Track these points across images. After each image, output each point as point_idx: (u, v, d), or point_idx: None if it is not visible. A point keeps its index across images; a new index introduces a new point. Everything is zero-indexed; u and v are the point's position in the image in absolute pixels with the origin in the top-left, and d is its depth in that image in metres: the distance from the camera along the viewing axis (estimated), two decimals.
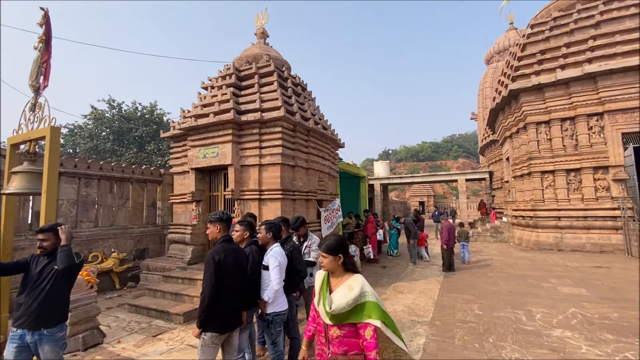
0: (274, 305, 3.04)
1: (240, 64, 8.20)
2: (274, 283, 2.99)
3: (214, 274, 2.60)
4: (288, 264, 3.51)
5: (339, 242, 2.10)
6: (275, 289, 3.00)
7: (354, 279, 2.00)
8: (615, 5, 11.56)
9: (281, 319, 3.08)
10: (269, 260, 3.05)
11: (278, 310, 3.06)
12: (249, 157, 6.63)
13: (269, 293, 3.00)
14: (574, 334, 4.29)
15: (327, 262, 2.06)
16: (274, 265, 3.02)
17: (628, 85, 10.53)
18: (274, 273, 3.00)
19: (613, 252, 10.23)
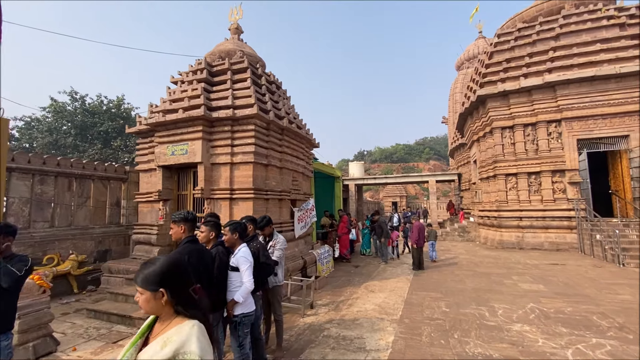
0: (243, 306, 2.96)
1: (212, 59, 7.97)
2: (248, 284, 2.92)
3: None
4: (255, 261, 3.47)
5: (163, 271, 1.31)
6: (249, 289, 2.93)
7: (177, 329, 1.26)
8: (573, 19, 12.39)
9: (249, 320, 3.00)
10: (239, 261, 2.96)
11: (247, 311, 2.98)
12: (220, 155, 6.44)
13: (243, 293, 2.91)
14: (531, 328, 4.52)
15: (143, 301, 1.31)
16: (246, 265, 2.95)
17: (583, 95, 11.32)
18: (247, 274, 2.93)
19: (568, 250, 10.95)
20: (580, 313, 5.07)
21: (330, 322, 4.98)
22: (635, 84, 10.79)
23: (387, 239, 10.14)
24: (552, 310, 5.20)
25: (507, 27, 14.54)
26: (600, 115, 11.23)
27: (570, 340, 4.10)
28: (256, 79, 7.39)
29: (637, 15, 11.75)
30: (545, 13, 13.53)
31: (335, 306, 5.80)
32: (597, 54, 11.46)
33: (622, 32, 11.54)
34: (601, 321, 4.71)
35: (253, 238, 3.76)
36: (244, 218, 3.88)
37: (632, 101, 10.87)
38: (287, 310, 5.52)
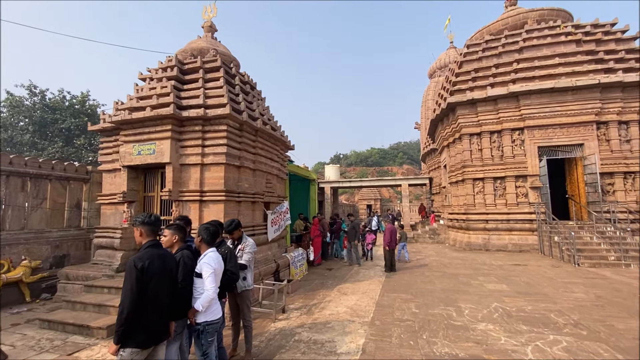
0: (206, 313, 2.84)
1: (184, 57, 7.72)
2: (210, 291, 2.80)
3: (135, 283, 2.34)
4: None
5: None
6: (210, 297, 2.81)
7: None
8: (535, 34, 13.20)
9: (214, 328, 2.88)
10: (202, 268, 2.84)
11: (210, 319, 2.86)
12: (190, 155, 6.23)
13: (203, 301, 2.79)
14: (495, 326, 4.70)
15: None
16: (209, 272, 2.82)
17: (543, 105, 12.06)
18: (209, 281, 2.81)
19: (530, 251, 11.57)
20: (539, 311, 5.34)
21: (302, 327, 4.92)
22: (590, 96, 11.65)
23: (359, 241, 10.26)
24: (514, 309, 5.45)
25: (475, 39, 15.24)
26: (559, 124, 12.01)
27: (530, 337, 4.30)
28: (230, 78, 7.24)
29: (591, 33, 12.72)
30: (510, 27, 14.33)
31: (308, 310, 5.75)
32: (556, 67, 12.27)
33: (578, 48, 12.44)
34: (558, 318, 4.99)
35: (221, 243, 3.65)
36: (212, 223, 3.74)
37: (586, 112, 11.72)
38: (258, 315, 5.41)
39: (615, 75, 11.43)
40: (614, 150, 11.55)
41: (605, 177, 11.53)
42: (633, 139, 11.53)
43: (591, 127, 11.72)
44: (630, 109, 11.58)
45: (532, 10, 14.21)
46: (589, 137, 11.71)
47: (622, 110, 11.60)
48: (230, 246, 3.85)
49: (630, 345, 4.03)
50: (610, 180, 11.55)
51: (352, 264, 10.06)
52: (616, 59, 11.91)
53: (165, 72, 7.01)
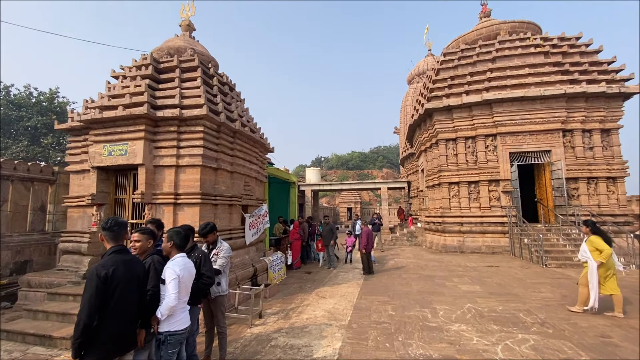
0: (169, 323, 2.68)
1: (160, 55, 7.51)
2: (170, 298, 2.64)
3: (94, 293, 2.22)
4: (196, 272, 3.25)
5: None
6: (170, 305, 2.64)
7: None
8: (507, 45, 13.81)
9: (177, 339, 2.71)
10: (165, 273, 2.70)
11: (173, 330, 2.69)
12: (165, 157, 6.04)
13: (163, 309, 2.63)
14: (468, 327, 4.83)
15: None
16: (171, 277, 2.67)
17: (514, 113, 12.62)
18: (171, 287, 2.66)
19: (502, 253, 12.00)
20: (509, 311, 5.54)
21: (279, 331, 4.86)
22: (556, 105, 12.30)
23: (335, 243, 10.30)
24: (486, 310, 5.62)
25: (452, 47, 15.75)
26: (528, 131, 12.59)
27: (500, 337, 4.45)
28: (207, 78, 7.10)
29: (558, 45, 13.45)
30: (484, 37, 14.92)
31: (285, 314, 5.69)
32: (525, 77, 12.88)
33: (546, 59, 13.11)
34: (526, 318, 5.19)
35: (193, 248, 3.54)
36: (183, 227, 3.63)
37: (553, 120, 12.35)
38: (234, 321, 5.30)
39: (580, 86, 12.13)
40: (579, 157, 12.23)
41: (570, 182, 12.18)
42: (595, 147, 12.26)
43: (558, 134, 12.36)
44: (593, 118, 12.31)
45: (505, 22, 14.88)
46: (556, 144, 12.35)
47: (586, 119, 12.32)
48: (204, 250, 3.75)
49: (592, 342, 4.25)
50: (575, 185, 12.20)
51: (330, 266, 10.06)
52: (580, 70, 12.65)
53: (140, 71, 6.78)
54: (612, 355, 3.87)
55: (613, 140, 12.32)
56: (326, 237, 10.31)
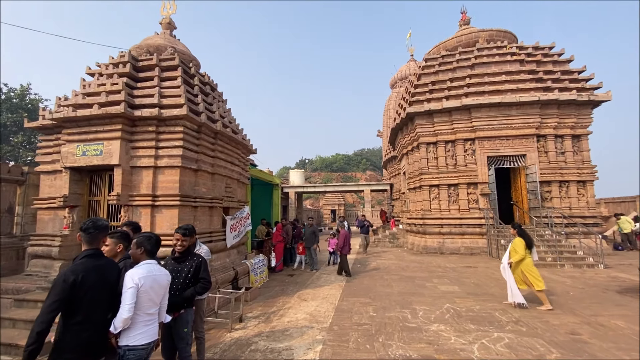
0: (127, 337, 2.44)
1: (138, 53, 7.31)
2: (123, 310, 2.37)
3: (57, 299, 2.10)
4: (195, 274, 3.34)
5: None
6: (123, 317, 2.38)
7: None
8: (485, 52, 14.27)
9: (137, 355, 2.44)
10: (125, 281, 2.47)
11: (132, 344, 2.43)
12: (143, 157, 5.87)
13: (117, 322, 2.40)
14: (446, 327, 4.93)
15: None
16: (128, 286, 2.43)
17: (492, 118, 13.04)
18: (126, 297, 2.41)
19: (480, 254, 12.34)
20: (486, 310, 5.70)
21: (259, 335, 4.80)
22: (531, 112, 12.80)
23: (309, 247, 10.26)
24: (464, 310, 5.75)
25: (433, 53, 16.14)
26: (505, 136, 13.04)
27: (477, 336, 4.56)
28: (188, 78, 6.96)
29: (533, 54, 14.02)
30: (463, 44, 15.37)
31: (266, 318, 5.62)
32: (502, 84, 13.34)
33: (521, 67, 13.63)
34: (502, 317, 5.35)
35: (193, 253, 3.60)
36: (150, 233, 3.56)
37: (528, 126, 12.85)
38: (214, 326, 5.19)
39: (552, 93, 12.68)
40: (551, 161, 12.76)
41: (544, 185, 12.69)
42: (567, 152, 12.84)
43: (532, 139, 12.87)
44: (565, 124, 12.89)
45: (483, 30, 15.39)
46: (530, 148, 12.85)
47: (558, 125, 12.88)
48: (202, 255, 3.67)
49: (563, 339, 4.42)
50: (548, 188, 12.73)
51: (313, 269, 10.04)
52: (553, 78, 13.23)
53: (117, 68, 6.58)
54: (580, 351, 4.04)
55: (583, 145, 12.94)
56: (309, 240, 10.29)
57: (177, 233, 3.41)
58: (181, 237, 3.39)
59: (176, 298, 3.18)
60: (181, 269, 3.36)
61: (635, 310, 5.59)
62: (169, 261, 3.45)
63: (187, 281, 3.31)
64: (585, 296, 6.56)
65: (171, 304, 3.03)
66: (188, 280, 3.32)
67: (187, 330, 3.26)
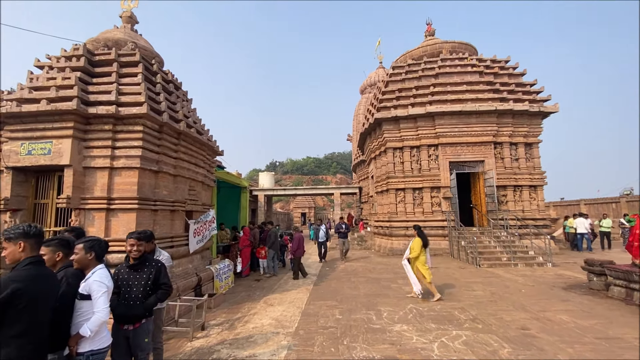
0: (92, 341, 2.44)
1: (95, 47, 6.87)
2: (102, 314, 2.44)
3: None
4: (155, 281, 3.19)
5: None
6: (102, 319, 2.44)
7: None
8: (448, 63, 15.02)
9: (99, 359, 2.50)
10: (92, 287, 2.45)
11: (97, 348, 2.46)
12: (97, 157, 5.50)
13: (93, 325, 2.39)
14: (409, 327, 5.07)
15: None
16: (101, 291, 2.46)
17: (453, 125, 13.71)
18: (101, 302, 2.44)
19: (442, 255, 12.86)
20: (446, 309, 5.93)
21: (222, 343, 4.65)
22: (489, 120, 13.62)
23: (276, 251, 10.12)
24: (426, 309, 5.95)
25: (400, 62, 16.72)
26: (465, 143, 13.76)
27: (437, 334, 4.73)
28: (150, 75, 6.64)
29: (491, 67, 14.96)
30: (428, 54, 16.08)
31: (230, 325, 5.47)
32: (463, 93, 14.09)
33: (480, 79, 14.50)
34: (460, 315, 5.60)
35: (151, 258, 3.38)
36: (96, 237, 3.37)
37: (486, 134, 13.66)
38: (173, 335, 4.96)
39: (508, 104, 13.58)
40: (507, 167, 13.65)
41: (500, 189, 13.53)
42: (520, 158, 13.80)
43: (490, 146, 13.69)
44: (519, 133, 13.86)
45: (446, 42, 16.20)
46: (488, 155, 13.66)
47: (513, 133, 13.82)
48: (161, 261, 3.48)
49: (514, 334, 4.70)
50: (504, 192, 13.59)
51: (273, 273, 9.88)
52: (508, 90, 14.19)
53: (70, 62, 6.13)
54: (530, 345, 4.32)
55: (534, 153, 13.97)
56: (268, 244, 10.02)
57: (131, 238, 3.22)
58: (136, 242, 3.20)
59: (136, 308, 3.03)
60: (139, 276, 3.17)
61: (578, 305, 6.10)
62: (122, 269, 3.24)
63: (147, 289, 3.15)
64: (535, 293, 7.05)
65: (132, 315, 3.00)
66: (148, 287, 3.16)
67: (148, 340, 3.12)
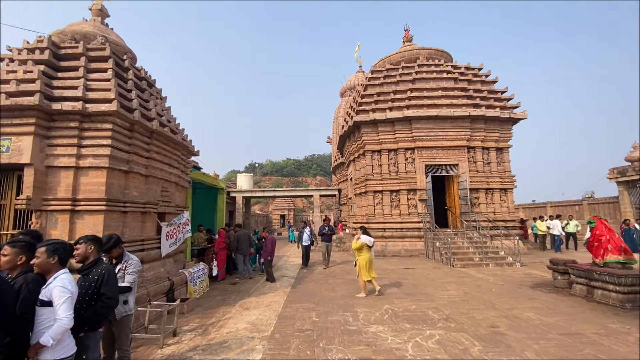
0: (54, 350, 2.30)
1: (61, 40, 6.52)
2: (65, 321, 2.28)
3: None
4: (95, 291, 2.88)
5: None
6: (66, 327, 2.29)
7: None
8: (424, 69, 15.44)
9: None
10: (53, 292, 2.31)
11: (59, 358, 2.33)
12: (62, 156, 5.20)
13: (55, 333, 2.25)
14: (384, 327, 5.12)
15: None
16: (64, 297, 2.31)
17: (429, 129, 14.10)
18: (64, 308, 2.29)
19: (418, 256, 13.15)
20: (421, 309, 6.05)
21: (194, 349, 4.50)
22: (463, 125, 14.11)
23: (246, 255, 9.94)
24: (401, 310, 6.04)
25: (379, 66, 17.01)
26: (441, 147, 14.17)
27: (411, 334, 4.81)
28: (121, 71, 6.37)
29: (465, 74, 15.51)
30: (406, 60, 16.46)
31: (204, 330, 5.31)
32: (439, 98, 14.52)
33: (455, 85, 15.00)
34: (434, 314, 5.72)
35: (96, 263, 3.08)
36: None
37: (460, 138, 14.13)
38: (143, 342, 4.75)
39: (481, 110, 14.13)
40: (479, 171, 14.17)
41: (473, 192, 14.02)
42: (492, 162, 14.37)
43: (464, 150, 14.17)
44: (490, 138, 14.44)
45: (423, 48, 16.66)
46: (462, 158, 14.13)
47: (485, 138, 14.38)
48: (110, 265, 3.28)
49: (485, 332, 4.85)
50: (476, 195, 14.09)
51: (246, 276, 9.71)
52: (481, 97, 14.76)
53: (33, 54, 5.78)
54: (499, 343, 4.47)
55: (505, 157, 14.60)
56: (233, 247, 9.81)
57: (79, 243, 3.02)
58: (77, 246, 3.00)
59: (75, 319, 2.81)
60: (83, 284, 2.90)
61: (544, 303, 6.39)
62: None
63: (86, 298, 2.83)
64: (504, 292, 7.33)
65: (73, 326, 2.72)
66: (88, 297, 2.84)
67: (85, 357, 2.82)
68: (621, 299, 5.92)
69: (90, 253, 3.04)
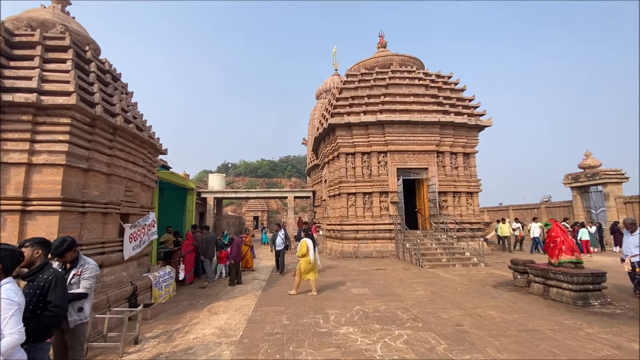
0: None
1: (15, 27, 6.04)
2: (16, 336, 2.06)
3: None
4: (41, 299, 2.65)
5: None
6: (16, 342, 2.05)
7: None
8: (397, 75, 15.84)
9: None
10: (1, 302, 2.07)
11: None
12: (12, 152, 4.79)
13: (5, 349, 2.02)
14: (354, 329, 5.15)
15: None
16: (12, 309, 2.07)
17: (401, 134, 14.48)
18: (12, 323, 2.06)
19: (389, 257, 13.42)
20: (390, 310, 6.15)
21: (157, 357, 4.29)
22: (433, 131, 14.61)
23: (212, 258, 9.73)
24: (371, 310, 6.12)
25: (354, 70, 17.26)
26: (412, 151, 14.59)
27: (380, 335, 4.87)
28: (82, 63, 5.99)
29: (435, 81, 16.09)
30: (380, 65, 16.82)
31: (168, 336, 5.08)
32: (411, 104, 14.96)
33: (426, 91, 15.51)
34: (403, 315, 5.84)
35: (43, 268, 2.80)
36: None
37: (430, 143, 14.62)
38: (101, 352, 4.47)
39: (450, 116, 14.71)
40: (447, 175, 14.73)
41: (441, 195, 14.54)
42: (459, 167, 14.99)
43: (433, 155, 14.68)
44: (458, 143, 15.06)
45: (397, 54, 17.11)
46: (432, 162, 14.63)
47: (453, 144, 14.98)
48: (58, 270, 3.02)
49: (450, 331, 5.02)
50: (444, 198, 14.62)
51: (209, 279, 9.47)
52: (450, 104, 15.38)
53: None
54: (463, 340, 4.64)
55: (471, 162, 15.28)
56: (201, 250, 9.56)
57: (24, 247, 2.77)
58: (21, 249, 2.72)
59: None
60: (29, 291, 2.67)
61: (505, 301, 6.72)
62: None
63: (30, 307, 2.58)
64: (469, 291, 7.63)
65: None
66: (33, 306, 2.61)
67: None
68: (574, 297, 6.36)
69: (37, 257, 2.80)
